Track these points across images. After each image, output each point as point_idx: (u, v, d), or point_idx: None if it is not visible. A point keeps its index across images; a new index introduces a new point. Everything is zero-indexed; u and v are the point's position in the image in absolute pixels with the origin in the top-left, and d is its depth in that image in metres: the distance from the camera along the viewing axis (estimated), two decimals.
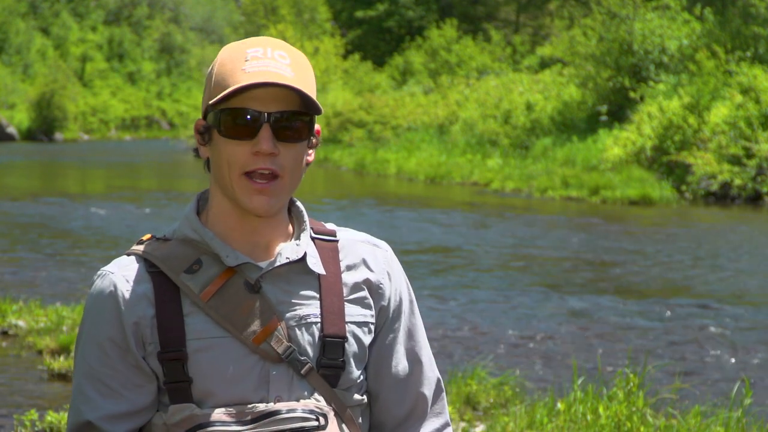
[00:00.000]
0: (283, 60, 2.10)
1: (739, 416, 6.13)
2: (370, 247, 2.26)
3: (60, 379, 7.79)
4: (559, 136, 30.23)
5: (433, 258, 14.62)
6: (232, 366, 2.09)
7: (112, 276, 2.14)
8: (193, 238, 2.16)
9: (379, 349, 2.23)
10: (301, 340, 2.13)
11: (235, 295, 2.12)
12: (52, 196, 23.30)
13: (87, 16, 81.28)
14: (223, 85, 2.08)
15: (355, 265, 2.23)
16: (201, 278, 2.12)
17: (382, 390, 2.24)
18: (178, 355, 2.09)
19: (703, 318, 10.90)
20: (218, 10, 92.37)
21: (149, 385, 2.12)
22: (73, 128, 64.97)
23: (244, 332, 2.10)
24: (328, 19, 52.38)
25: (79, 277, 12.38)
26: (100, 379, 2.11)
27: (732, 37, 28.73)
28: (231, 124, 2.08)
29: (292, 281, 2.16)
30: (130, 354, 2.11)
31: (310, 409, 2.11)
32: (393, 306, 2.25)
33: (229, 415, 2.08)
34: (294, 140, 2.10)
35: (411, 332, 2.27)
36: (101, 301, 2.13)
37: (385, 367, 2.24)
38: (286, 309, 2.14)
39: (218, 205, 2.16)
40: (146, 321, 2.11)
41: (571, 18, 46.82)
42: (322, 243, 2.23)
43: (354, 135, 37.06)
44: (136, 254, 2.17)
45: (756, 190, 22.79)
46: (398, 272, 2.28)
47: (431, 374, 2.29)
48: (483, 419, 6.85)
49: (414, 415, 2.27)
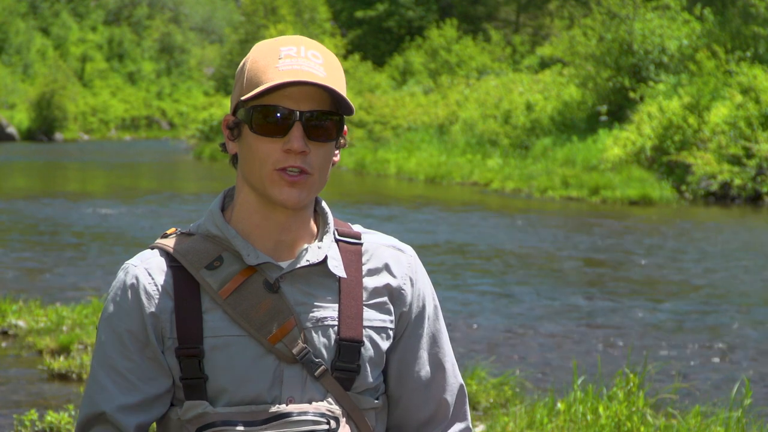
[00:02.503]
0: (316, 59, 2.11)
1: (739, 416, 6.12)
2: (394, 251, 2.26)
3: (60, 379, 7.79)
4: (559, 136, 30.23)
5: (433, 258, 14.62)
6: (247, 365, 2.11)
7: (135, 269, 2.16)
8: (216, 234, 2.17)
9: (402, 353, 2.24)
10: (317, 342, 2.14)
11: (254, 293, 2.13)
12: (52, 196, 23.30)
13: (87, 16, 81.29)
14: (255, 82, 2.10)
15: (377, 269, 2.23)
16: (221, 275, 2.13)
17: (404, 394, 2.25)
18: (195, 351, 2.10)
19: (703, 318, 10.90)
20: (218, 10, 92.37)
21: (165, 379, 2.14)
22: (73, 128, 64.98)
23: (260, 331, 2.11)
24: (328, 19, 52.35)
25: (80, 277, 12.38)
26: (117, 370, 2.13)
27: (732, 37, 28.73)
28: (263, 122, 2.09)
29: (311, 283, 2.17)
30: (149, 347, 2.12)
31: (322, 413, 2.11)
32: (415, 311, 2.25)
33: (240, 415, 2.09)
34: (324, 139, 2.12)
35: (435, 338, 2.27)
36: (123, 293, 2.15)
37: (407, 372, 2.24)
38: (304, 310, 2.14)
39: (245, 201, 2.16)
40: (166, 315, 2.12)
41: (571, 18, 46.84)
42: (345, 246, 2.23)
43: (354, 135, 37.07)
44: (159, 248, 2.18)
45: (756, 190, 22.79)
46: (422, 278, 2.27)
47: (454, 380, 2.29)
48: (483, 419, 6.85)
49: (435, 421, 2.27)
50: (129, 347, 2.12)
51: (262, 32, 48.06)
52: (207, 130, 41.70)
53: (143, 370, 2.12)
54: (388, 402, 2.26)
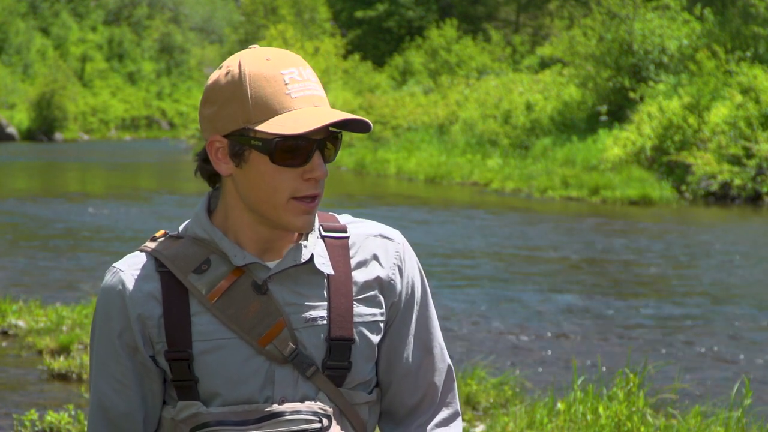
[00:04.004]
0: (314, 78, 2.13)
1: (739, 416, 6.12)
2: (381, 240, 2.25)
3: (60, 379, 7.79)
4: (559, 136, 30.23)
5: (433, 258, 14.62)
6: (238, 367, 2.11)
7: (122, 274, 2.16)
8: (203, 237, 2.17)
9: (390, 340, 2.24)
10: (307, 342, 2.14)
11: (243, 295, 2.13)
12: (52, 196, 23.30)
13: (87, 16, 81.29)
14: (270, 108, 2.07)
15: (365, 261, 2.22)
16: (209, 278, 2.13)
17: (394, 380, 2.25)
18: (184, 355, 2.11)
19: (703, 318, 10.90)
20: (218, 10, 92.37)
21: (156, 382, 2.15)
22: (73, 128, 64.99)
23: (250, 333, 2.11)
24: (328, 19, 52.36)
25: (79, 277, 12.38)
26: (113, 375, 2.15)
27: (732, 37, 28.73)
28: (286, 154, 2.08)
29: (300, 282, 2.17)
30: (138, 352, 2.14)
31: (314, 411, 2.12)
32: (405, 299, 2.25)
33: (233, 414, 2.10)
34: (332, 158, 2.15)
35: (423, 322, 2.28)
36: (111, 298, 2.15)
37: (396, 358, 2.25)
38: (294, 311, 2.14)
39: (237, 217, 2.16)
40: (153, 321, 2.13)
41: (571, 18, 46.84)
42: (331, 241, 2.22)
43: (354, 135, 37.03)
44: (146, 252, 2.18)
45: (756, 190, 22.78)
46: (410, 263, 2.27)
47: (442, 364, 2.29)
48: (483, 419, 6.85)
49: (424, 404, 2.28)
50: (119, 352, 2.14)
51: (262, 32, 48.06)
52: None
53: (135, 374, 2.14)
54: (380, 388, 2.27)
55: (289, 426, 2.10)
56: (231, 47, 54.13)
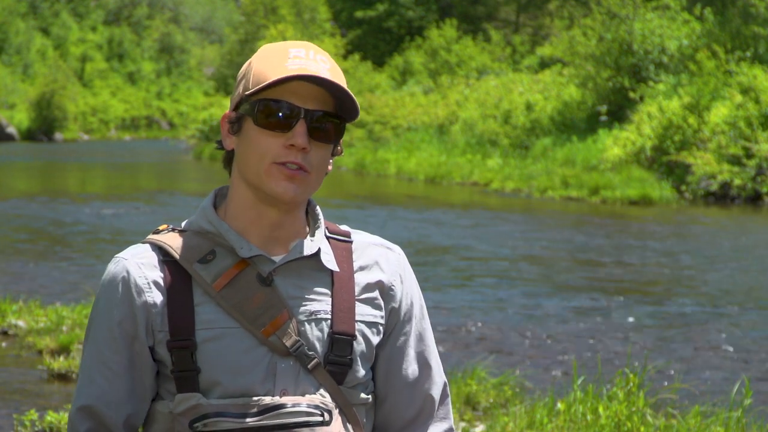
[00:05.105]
0: (324, 64, 2.15)
1: (739, 416, 6.13)
2: (383, 249, 2.29)
3: (60, 379, 7.79)
4: (559, 136, 30.23)
5: (433, 258, 14.63)
6: (240, 357, 2.12)
7: (126, 262, 2.16)
8: (209, 229, 2.18)
9: (389, 351, 2.25)
10: (309, 335, 2.15)
11: (247, 286, 2.14)
12: (52, 196, 23.30)
13: (87, 16, 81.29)
14: (263, 78, 2.12)
15: (368, 266, 2.25)
16: (214, 269, 2.15)
17: (391, 392, 2.26)
18: (187, 344, 2.11)
19: (703, 318, 10.90)
20: (218, 10, 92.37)
21: (147, 376, 2.15)
22: (73, 128, 64.98)
23: (253, 324, 2.12)
24: (328, 19, 52.34)
25: (79, 277, 12.37)
26: (107, 363, 2.15)
27: (732, 37, 28.73)
28: (268, 115, 2.12)
29: (304, 276, 2.18)
30: (138, 341, 2.14)
31: (315, 405, 2.13)
32: (404, 309, 2.27)
33: (234, 406, 2.10)
34: (325, 140, 2.15)
35: (421, 336, 2.30)
36: (114, 285, 2.16)
37: (395, 370, 2.26)
38: (297, 304, 2.16)
39: (239, 198, 2.18)
40: (157, 308, 2.13)
41: (571, 18, 46.83)
42: (336, 243, 2.25)
43: (354, 135, 37.06)
44: (150, 242, 2.19)
45: (756, 190, 22.79)
46: (410, 276, 2.31)
47: (439, 379, 2.31)
48: (483, 419, 6.85)
49: (421, 417, 2.29)
50: (117, 340, 2.14)
51: (262, 32, 48.06)
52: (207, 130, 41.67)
53: (131, 363, 2.14)
54: (376, 400, 2.27)
55: (290, 418, 2.10)
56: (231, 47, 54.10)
